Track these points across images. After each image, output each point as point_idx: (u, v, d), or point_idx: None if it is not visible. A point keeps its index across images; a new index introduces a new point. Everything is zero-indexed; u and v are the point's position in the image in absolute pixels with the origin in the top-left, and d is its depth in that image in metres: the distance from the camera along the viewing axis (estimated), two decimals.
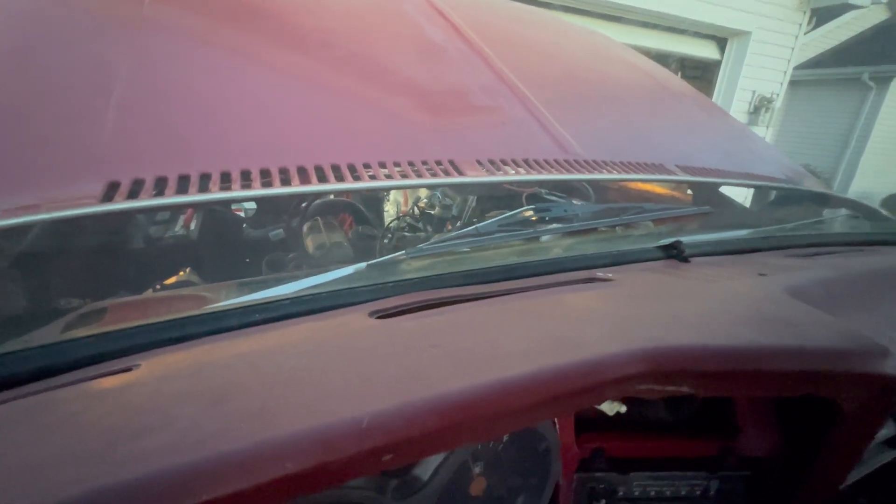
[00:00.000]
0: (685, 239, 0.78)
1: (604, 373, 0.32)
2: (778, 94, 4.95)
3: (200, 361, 0.35)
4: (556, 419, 0.43)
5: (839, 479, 0.45)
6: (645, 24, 4.34)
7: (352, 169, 0.69)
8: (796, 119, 9.29)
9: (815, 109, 9.17)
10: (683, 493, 0.47)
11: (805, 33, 4.96)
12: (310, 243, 1.04)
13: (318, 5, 1.27)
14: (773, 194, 1.61)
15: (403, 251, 0.61)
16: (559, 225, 0.79)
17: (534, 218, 0.78)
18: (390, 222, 1.64)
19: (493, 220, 0.74)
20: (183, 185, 0.58)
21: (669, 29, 4.44)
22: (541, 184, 1.28)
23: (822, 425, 0.44)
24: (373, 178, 0.70)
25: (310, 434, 0.25)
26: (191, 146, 0.68)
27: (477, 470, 0.40)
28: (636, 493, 0.48)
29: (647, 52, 4.91)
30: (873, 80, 7.97)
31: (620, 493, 0.48)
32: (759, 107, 4.85)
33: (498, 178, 0.76)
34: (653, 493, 0.47)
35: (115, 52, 0.83)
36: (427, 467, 0.37)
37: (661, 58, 5.06)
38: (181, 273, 0.82)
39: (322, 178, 0.65)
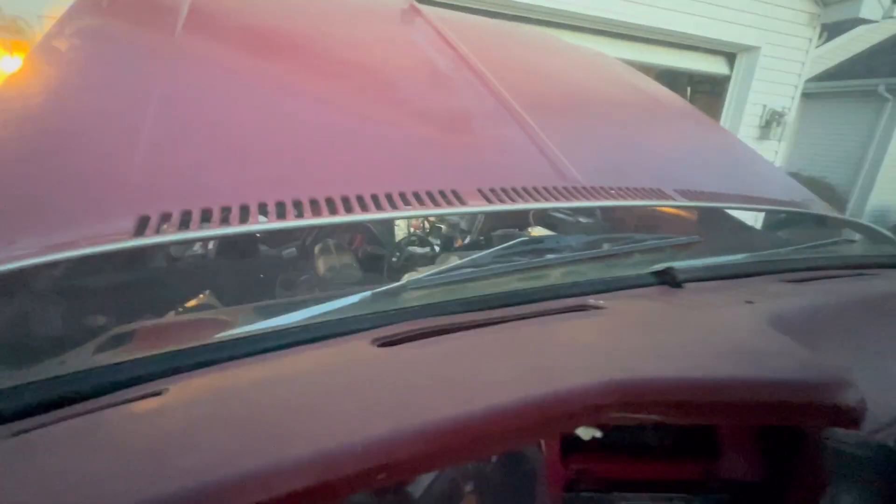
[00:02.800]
0: (679, 264, 0.81)
1: (576, 402, 0.35)
2: (789, 109, 4.94)
3: (221, 387, 0.40)
4: (541, 442, 0.46)
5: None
6: (653, 42, 4.39)
7: (360, 200, 0.74)
8: (811, 132, 9.20)
9: (831, 122, 9.07)
10: None
11: (816, 47, 4.95)
12: (321, 265, 1.09)
13: (330, 37, 1.34)
14: (778, 216, 1.62)
15: (405, 281, 0.65)
16: (553, 256, 0.83)
17: (529, 248, 0.82)
18: (401, 239, 1.69)
19: (490, 251, 0.78)
20: (206, 217, 0.64)
21: (678, 45, 4.48)
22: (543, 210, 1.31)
23: (793, 451, 0.46)
24: (380, 208, 0.75)
25: (314, 456, 0.29)
26: (212, 180, 0.74)
27: (468, 489, 0.43)
28: None
29: (656, 69, 4.96)
30: (890, 93, 7.87)
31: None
32: (770, 121, 4.84)
33: (497, 207, 0.80)
34: None
35: (143, 87, 0.90)
36: (419, 485, 0.40)
37: (670, 74, 5.10)
38: (201, 296, 0.88)
39: (332, 210, 0.70)
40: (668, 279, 0.78)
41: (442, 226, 1.90)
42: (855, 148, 8.67)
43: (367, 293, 0.62)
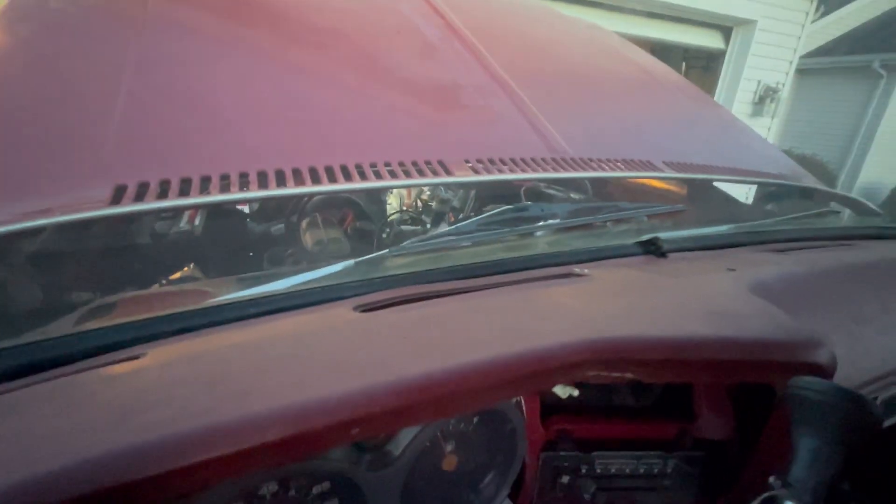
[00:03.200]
0: (664, 235, 0.81)
1: (552, 360, 0.36)
2: (783, 84, 4.90)
3: (199, 351, 0.40)
4: (522, 403, 0.47)
5: (784, 462, 0.49)
6: (649, 15, 4.30)
7: (344, 170, 0.73)
8: (804, 109, 9.16)
9: (824, 99, 9.03)
10: (642, 471, 0.51)
11: (812, 22, 4.89)
12: (308, 239, 1.08)
13: (316, 6, 1.29)
14: (767, 189, 1.63)
15: (388, 249, 0.65)
16: (539, 225, 0.82)
17: (514, 217, 0.82)
18: (391, 216, 1.68)
19: (475, 219, 0.78)
20: (185, 187, 0.62)
21: (674, 19, 4.40)
22: (531, 181, 1.31)
23: (766, 410, 0.48)
24: (364, 178, 0.74)
25: (285, 410, 0.29)
26: (192, 149, 0.72)
27: (448, 448, 0.44)
28: (598, 471, 0.52)
29: (652, 43, 4.88)
30: (884, 68, 7.83)
31: (583, 471, 0.52)
32: (765, 97, 4.81)
33: (484, 177, 0.79)
34: (613, 471, 0.52)
35: (119, 56, 0.87)
36: (398, 443, 0.41)
37: (665, 49, 5.02)
38: (185, 269, 0.87)
39: (315, 180, 0.69)
40: (652, 249, 0.78)
41: (433, 203, 1.89)
42: (847, 125, 8.67)
43: (351, 262, 0.61)
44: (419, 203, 1.86)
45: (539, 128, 1.04)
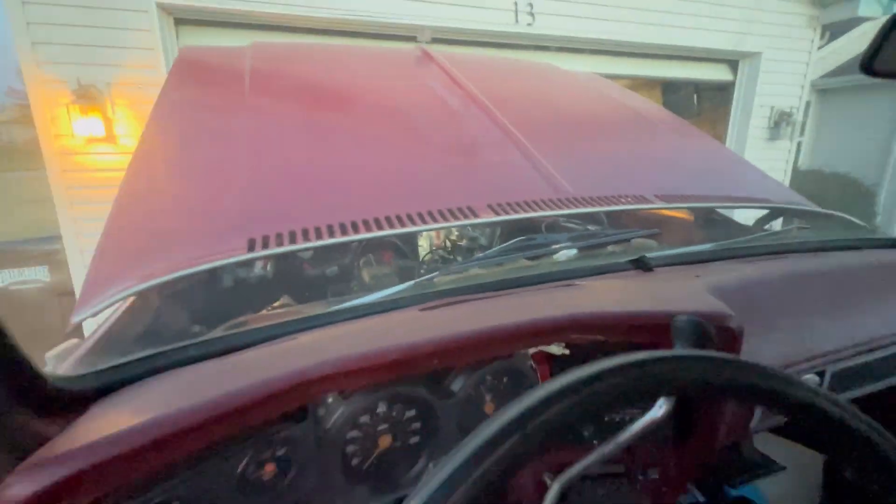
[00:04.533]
0: (651, 254, 1.02)
1: (545, 325, 0.57)
2: (798, 108, 5.02)
3: (321, 335, 0.63)
4: (533, 365, 0.68)
5: (746, 418, 0.69)
6: (657, 56, 4.60)
7: (398, 219, 0.99)
8: (832, 128, 9.08)
9: (852, 116, 8.92)
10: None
11: (819, 48, 5.05)
12: (365, 275, 1.35)
13: (361, 87, 1.62)
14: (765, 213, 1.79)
15: (439, 272, 0.89)
16: (546, 249, 1.05)
17: (528, 245, 1.05)
18: (424, 255, 1.94)
19: (497, 248, 1.01)
20: (291, 237, 0.90)
21: (680, 58, 4.68)
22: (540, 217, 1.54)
23: None
24: (413, 224, 0.99)
25: (397, 347, 0.51)
26: (288, 212, 1.00)
27: (488, 398, 0.65)
28: (605, 418, 0.71)
29: (663, 81, 5.14)
30: None
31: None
32: (780, 122, 4.93)
33: (502, 217, 1.03)
34: (617, 419, 0.71)
35: (232, 145, 1.19)
36: (457, 385, 0.62)
37: (677, 84, 5.27)
38: (281, 300, 1.14)
39: (380, 227, 0.95)
40: (641, 265, 0.98)
41: (462, 241, 2.14)
42: (879, 140, 8.51)
43: (412, 282, 0.86)
44: (447, 242, 2.11)
45: (545, 173, 1.29)
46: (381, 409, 0.57)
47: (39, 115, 3.19)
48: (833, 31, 7.07)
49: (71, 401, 0.46)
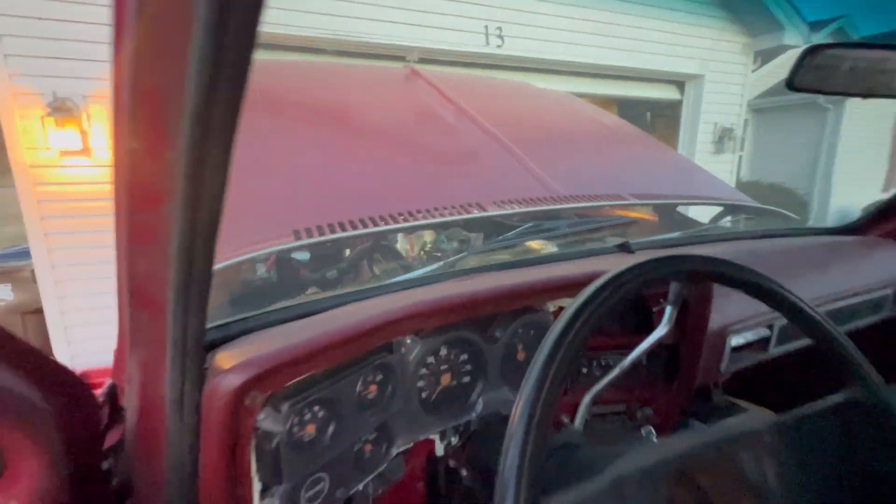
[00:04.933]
0: (633, 240, 1.22)
1: (536, 286, 0.73)
2: (737, 125, 5.56)
3: (380, 300, 0.76)
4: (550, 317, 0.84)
5: (717, 361, 0.87)
6: (614, 77, 5.00)
7: (410, 214, 1.14)
8: (767, 143, 9.97)
9: (784, 133, 9.83)
10: (628, 363, 0.85)
11: (753, 71, 5.64)
12: (376, 269, 1.48)
13: (366, 103, 1.77)
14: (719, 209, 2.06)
15: (465, 252, 1.05)
16: (544, 235, 1.23)
17: (531, 231, 1.22)
18: (423, 248, 2.05)
19: (515, 231, 1.18)
20: (320, 230, 1.02)
21: (634, 78, 5.11)
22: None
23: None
24: (424, 217, 1.14)
25: (449, 296, 0.65)
26: (317, 210, 1.13)
27: (520, 346, 0.80)
28: (603, 363, 0.87)
29: (619, 99, 5.56)
30: (829, 102, 8.72)
31: (594, 363, 0.87)
32: (723, 137, 5.45)
33: (504, 211, 1.20)
34: (603, 363, 0.88)
35: (268, 156, 1.30)
36: (499, 334, 0.76)
37: (631, 102, 5.72)
38: (310, 291, 1.25)
39: (395, 221, 1.09)
40: (625, 248, 1.17)
41: (438, 253, 2.26)
42: (808, 154, 9.43)
43: (426, 269, 1.01)
44: (423, 254, 2.24)
45: (536, 176, 1.47)
46: (443, 352, 0.70)
47: (10, 128, 3.11)
48: (764, 57, 7.88)
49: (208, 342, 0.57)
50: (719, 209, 1.93)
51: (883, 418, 0.55)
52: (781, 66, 9.23)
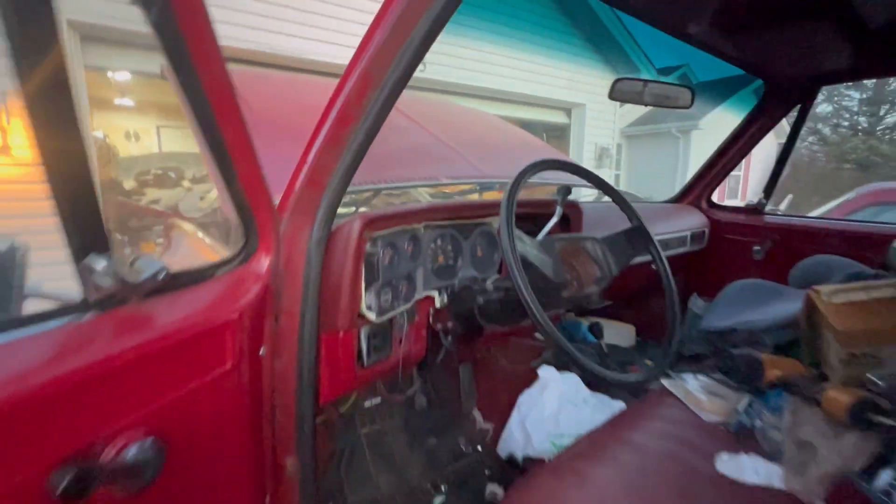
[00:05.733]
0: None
1: (486, 205, 1.28)
2: (612, 146, 6.83)
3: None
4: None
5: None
6: (513, 101, 5.91)
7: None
8: (639, 163, 11.93)
9: (650, 155, 11.84)
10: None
11: (621, 105, 6.98)
12: None
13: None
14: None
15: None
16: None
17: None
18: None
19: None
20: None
21: (530, 104, 6.08)
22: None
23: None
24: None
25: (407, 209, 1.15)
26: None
27: (479, 246, 1.33)
28: None
29: (521, 121, 6.50)
30: (679, 132, 10.80)
31: None
32: (602, 155, 6.65)
33: (454, 181, 1.75)
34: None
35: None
36: (467, 234, 1.28)
37: (530, 124, 6.72)
38: None
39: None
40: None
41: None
42: (668, 174, 11.49)
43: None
44: None
45: (472, 163, 2.04)
46: (439, 242, 1.20)
47: None
48: None
49: None
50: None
51: None
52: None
